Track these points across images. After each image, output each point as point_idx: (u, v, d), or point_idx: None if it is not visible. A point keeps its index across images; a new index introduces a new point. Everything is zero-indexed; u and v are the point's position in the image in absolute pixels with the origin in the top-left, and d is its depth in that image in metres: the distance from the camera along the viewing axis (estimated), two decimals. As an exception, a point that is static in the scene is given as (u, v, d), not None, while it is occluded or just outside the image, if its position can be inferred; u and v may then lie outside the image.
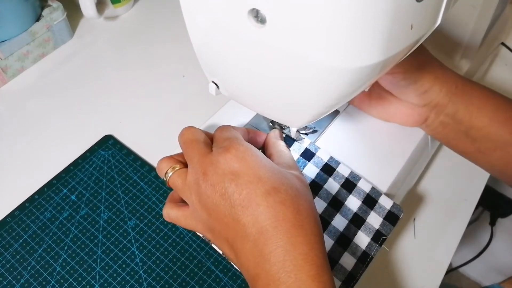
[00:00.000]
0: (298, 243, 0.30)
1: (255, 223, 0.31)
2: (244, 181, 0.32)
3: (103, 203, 0.47)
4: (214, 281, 0.43)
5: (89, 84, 0.59)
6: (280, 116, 0.38)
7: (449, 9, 0.31)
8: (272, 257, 0.30)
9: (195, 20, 0.33)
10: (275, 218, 0.31)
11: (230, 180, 0.32)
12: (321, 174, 0.42)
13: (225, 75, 0.37)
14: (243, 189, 0.32)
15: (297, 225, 0.31)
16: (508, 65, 0.64)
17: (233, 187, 0.32)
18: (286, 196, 0.32)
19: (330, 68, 0.28)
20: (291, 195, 0.32)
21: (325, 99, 0.33)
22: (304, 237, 0.31)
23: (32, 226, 0.46)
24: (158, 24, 0.67)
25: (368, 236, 0.39)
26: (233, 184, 0.32)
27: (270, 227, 0.31)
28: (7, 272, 0.43)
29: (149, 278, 0.43)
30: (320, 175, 0.42)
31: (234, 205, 0.32)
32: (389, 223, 0.40)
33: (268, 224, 0.31)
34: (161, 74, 0.59)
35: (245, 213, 0.31)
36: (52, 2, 0.60)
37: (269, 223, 0.31)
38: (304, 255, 0.30)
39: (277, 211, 0.31)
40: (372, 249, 0.39)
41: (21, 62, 0.59)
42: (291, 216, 0.31)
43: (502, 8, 0.52)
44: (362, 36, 0.26)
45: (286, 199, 0.32)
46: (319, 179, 0.42)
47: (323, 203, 0.40)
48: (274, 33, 0.28)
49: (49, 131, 0.54)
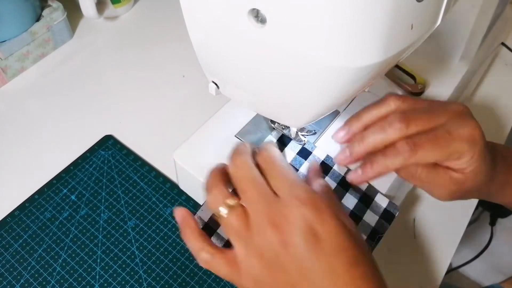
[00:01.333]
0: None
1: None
2: (327, 248, 0.30)
3: (103, 203, 0.47)
4: (214, 281, 0.43)
5: (89, 84, 0.59)
6: (280, 116, 0.38)
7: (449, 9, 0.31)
8: None
9: (195, 20, 0.33)
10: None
11: (309, 243, 0.29)
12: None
13: (225, 75, 0.37)
14: (324, 257, 0.29)
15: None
16: (508, 65, 0.64)
17: (311, 251, 0.29)
18: (368, 269, 0.31)
19: (330, 68, 0.28)
20: (372, 269, 0.31)
21: (325, 99, 0.33)
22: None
23: (32, 226, 0.46)
24: (158, 24, 0.67)
25: (365, 234, 0.39)
26: (312, 248, 0.29)
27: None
28: (7, 272, 0.43)
29: (149, 278, 0.43)
30: None
31: (311, 270, 0.29)
32: (385, 222, 0.40)
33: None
34: (161, 74, 0.59)
35: (324, 282, 0.29)
36: (52, 2, 0.60)
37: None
38: None
39: (358, 286, 0.30)
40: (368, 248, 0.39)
41: (21, 62, 0.59)
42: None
43: (502, 8, 0.52)
44: (362, 36, 0.26)
45: (368, 272, 0.30)
46: None
47: None
48: (274, 33, 0.28)
49: (49, 131, 0.54)
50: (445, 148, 0.36)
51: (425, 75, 0.50)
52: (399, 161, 0.36)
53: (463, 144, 0.36)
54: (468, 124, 0.37)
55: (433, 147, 0.36)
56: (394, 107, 0.39)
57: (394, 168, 0.37)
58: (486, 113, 0.59)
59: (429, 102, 0.40)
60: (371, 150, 0.38)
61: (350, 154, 0.39)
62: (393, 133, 0.37)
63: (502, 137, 0.57)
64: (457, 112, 0.38)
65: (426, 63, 0.51)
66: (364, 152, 0.38)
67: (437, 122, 0.37)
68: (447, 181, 0.38)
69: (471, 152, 0.36)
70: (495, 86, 0.62)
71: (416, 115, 0.37)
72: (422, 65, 0.50)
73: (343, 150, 0.40)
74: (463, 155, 0.36)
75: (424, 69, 0.50)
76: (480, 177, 0.38)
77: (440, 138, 0.36)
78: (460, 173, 0.37)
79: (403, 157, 0.36)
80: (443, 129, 0.36)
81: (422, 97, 0.49)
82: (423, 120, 0.37)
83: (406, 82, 0.50)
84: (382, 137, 0.37)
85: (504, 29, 0.62)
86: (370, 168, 0.37)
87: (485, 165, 0.38)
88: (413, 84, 0.50)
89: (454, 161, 0.37)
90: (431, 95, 0.50)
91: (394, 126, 0.37)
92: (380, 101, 0.40)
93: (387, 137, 0.37)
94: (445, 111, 0.38)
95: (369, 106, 0.41)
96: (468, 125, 0.36)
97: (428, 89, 0.50)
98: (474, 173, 0.37)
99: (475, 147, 0.36)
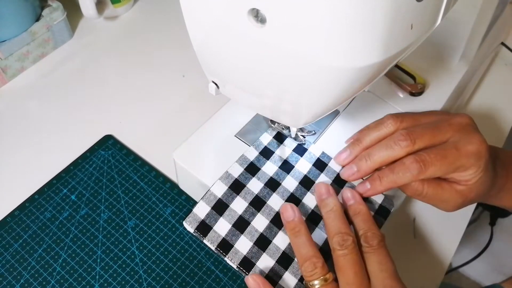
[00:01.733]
0: None
1: None
2: None
3: (103, 203, 0.47)
4: (214, 281, 0.43)
5: (89, 84, 0.59)
6: (280, 116, 0.38)
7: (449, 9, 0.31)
8: None
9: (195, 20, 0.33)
10: None
11: None
12: (313, 169, 0.43)
13: (225, 75, 0.37)
14: None
15: None
16: (508, 65, 0.64)
17: None
18: None
19: (330, 68, 0.28)
20: None
21: (325, 99, 0.33)
22: None
23: (32, 226, 0.46)
24: (158, 24, 0.67)
25: None
26: None
27: None
28: (7, 272, 0.43)
29: (149, 278, 0.43)
30: (312, 171, 0.43)
31: None
32: (380, 217, 0.40)
33: None
34: (161, 74, 0.59)
35: None
36: (52, 2, 0.60)
37: None
38: None
39: None
40: None
41: (21, 62, 0.59)
42: None
43: (502, 8, 0.52)
44: (362, 36, 0.26)
45: None
46: (312, 175, 0.42)
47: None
48: (274, 33, 0.28)
49: (49, 131, 0.54)
50: (453, 164, 0.37)
51: (425, 75, 0.50)
52: (408, 178, 0.37)
53: (470, 159, 0.37)
54: (475, 139, 0.37)
55: (442, 163, 0.36)
56: (393, 128, 0.40)
57: (402, 183, 0.38)
58: (486, 113, 0.59)
59: (428, 116, 0.41)
60: (378, 167, 0.39)
61: (358, 171, 0.40)
62: (399, 150, 0.37)
63: (501, 137, 0.57)
64: (462, 126, 0.38)
65: (426, 63, 0.51)
66: (371, 170, 0.39)
67: (443, 137, 0.38)
68: (453, 195, 0.38)
69: (477, 166, 0.37)
70: (495, 86, 0.62)
71: (420, 131, 0.38)
72: (422, 65, 0.50)
73: (350, 167, 0.40)
74: (469, 168, 0.37)
75: (424, 69, 0.50)
76: (484, 186, 0.38)
77: (449, 154, 0.37)
78: (464, 185, 0.38)
79: (411, 174, 0.37)
80: (451, 145, 0.37)
81: (422, 98, 0.49)
82: (428, 135, 0.38)
83: (406, 82, 0.50)
84: (389, 154, 0.38)
85: (504, 29, 0.62)
86: (379, 184, 0.38)
87: (488, 175, 0.38)
88: (413, 84, 0.50)
89: (459, 174, 0.37)
90: (431, 95, 0.50)
91: (400, 143, 0.37)
92: (378, 122, 0.41)
93: (394, 153, 0.38)
94: (450, 125, 0.38)
95: (368, 127, 0.42)
96: (475, 140, 0.37)
97: (428, 89, 0.50)
98: (478, 184, 0.38)
99: (480, 161, 0.37)
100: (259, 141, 0.44)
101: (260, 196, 0.41)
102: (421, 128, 0.38)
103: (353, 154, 0.41)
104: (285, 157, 0.43)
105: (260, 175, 0.42)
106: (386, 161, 0.38)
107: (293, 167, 0.43)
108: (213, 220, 0.39)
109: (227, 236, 0.38)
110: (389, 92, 0.50)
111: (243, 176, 0.41)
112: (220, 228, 0.39)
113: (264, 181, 0.41)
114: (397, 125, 0.40)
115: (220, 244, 0.38)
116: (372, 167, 0.39)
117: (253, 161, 0.42)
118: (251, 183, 0.41)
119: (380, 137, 0.40)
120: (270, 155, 0.43)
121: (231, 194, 0.40)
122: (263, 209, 0.40)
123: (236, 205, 0.40)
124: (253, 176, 0.42)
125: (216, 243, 0.38)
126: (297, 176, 0.42)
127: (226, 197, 0.40)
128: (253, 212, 0.40)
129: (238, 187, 0.41)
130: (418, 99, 0.49)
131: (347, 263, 0.35)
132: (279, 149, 0.44)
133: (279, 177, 0.42)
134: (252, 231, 0.39)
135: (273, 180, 0.42)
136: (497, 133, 0.57)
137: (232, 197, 0.40)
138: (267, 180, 0.42)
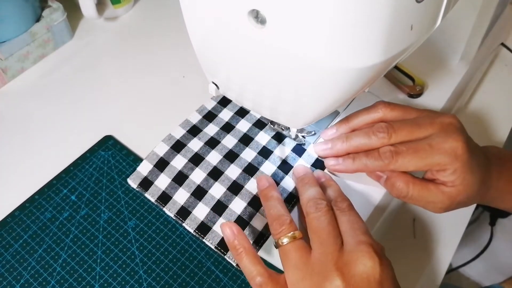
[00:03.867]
0: None
1: None
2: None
3: (103, 204, 0.47)
4: (214, 281, 0.43)
5: (89, 84, 0.59)
6: (280, 116, 0.38)
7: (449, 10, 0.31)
8: None
9: (195, 20, 0.33)
10: None
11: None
12: (252, 128, 0.46)
13: (225, 76, 0.37)
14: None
15: None
16: (508, 65, 0.64)
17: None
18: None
19: (330, 69, 0.28)
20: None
21: (325, 99, 0.33)
22: None
23: (32, 226, 0.46)
24: (158, 25, 0.67)
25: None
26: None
27: None
28: (7, 272, 0.43)
29: (149, 278, 0.43)
30: (252, 129, 0.46)
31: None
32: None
33: None
34: (161, 75, 0.59)
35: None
36: (52, 2, 0.60)
37: None
38: None
39: None
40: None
41: (21, 63, 0.59)
42: None
43: (502, 8, 0.52)
44: (362, 37, 0.26)
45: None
46: (251, 133, 0.45)
47: None
48: (274, 34, 0.28)
49: (49, 132, 0.54)
50: (424, 159, 0.37)
51: (424, 76, 0.50)
52: (378, 165, 0.38)
53: (443, 157, 0.37)
54: (452, 138, 0.38)
55: (412, 157, 0.37)
56: (382, 114, 0.41)
57: (373, 169, 0.39)
58: (486, 113, 0.59)
59: (419, 112, 0.41)
60: (351, 151, 0.40)
61: (331, 148, 0.41)
62: (376, 141, 0.39)
63: (502, 137, 0.57)
64: (444, 125, 0.39)
65: (425, 64, 0.51)
66: (345, 151, 0.41)
67: (421, 134, 0.39)
68: (439, 197, 0.39)
69: (453, 165, 0.37)
70: (495, 86, 0.62)
71: (401, 126, 0.39)
72: (421, 66, 0.51)
73: (325, 142, 0.42)
74: (445, 167, 0.37)
75: (423, 70, 0.50)
76: (471, 189, 0.38)
77: (421, 149, 0.38)
78: (450, 187, 0.38)
79: (383, 162, 0.38)
80: (425, 142, 0.38)
81: (421, 99, 0.49)
82: (406, 131, 0.39)
83: (404, 83, 0.50)
84: (365, 142, 0.39)
85: (504, 29, 0.62)
86: (351, 162, 0.40)
87: (474, 177, 0.38)
88: (412, 86, 0.50)
89: (439, 174, 0.38)
90: (431, 95, 0.50)
91: (377, 134, 0.39)
92: (370, 106, 0.42)
93: (370, 142, 0.39)
94: (432, 123, 0.39)
95: (360, 110, 0.43)
96: (452, 139, 0.38)
97: (427, 90, 0.50)
98: (464, 186, 0.38)
99: (456, 161, 0.37)
100: (203, 106, 0.47)
101: (199, 153, 0.44)
102: (402, 123, 0.39)
103: (339, 132, 0.42)
104: (227, 119, 0.47)
105: (201, 135, 0.45)
106: (361, 148, 0.40)
107: (234, 127, 0.46)
108: (155, 176, 0.43)
109: (167, 189, 0.42)
110: (389, 93, 0.50)
111: (184, 137, 0.45)
112: (160, 182, 0.43)
113: (204, 141, 0.45)
114: (386, 111, 0.41)
115: (160, 197, 0.42)
116: (345, 149, 0.40)
117: (196, 124, 0.46)
118: (192, 143, 0.44)
119: (368, 121, 0.41)
120: (213, 119, 0.47)
121: (172, 152, 0.44)
122: (201, 164, 0.43)
123: (176, 162, 0.43)
124: (194, 136, 0.45)
125: (156, 196, 0.42)
126: (237, 135, 0.45)
127: (167, 156, 0.44)
128: (192, 167, 0.43)
129: (179, 147, 0.44)
130: (418, 99, 0.49)
131: (320, 224, 0.35)
132: (222, 112, 0.47)
133: (219, 137, 0.45)
134: (190, 184, 0.42)
135: (213, 139, 0.45)
136: (497, 134, 0.57)
137: (173, 155, 0.43)
138: (208, 139, 0.45)
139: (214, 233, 0.40)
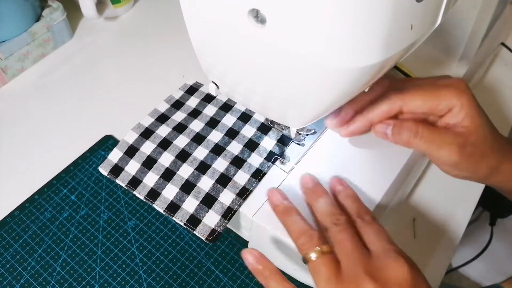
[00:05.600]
0: None
1: None
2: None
3: (103, 203, 0.47)
4: (214, 281, 0.43)
5: (89, 84, 0.59)
6: (280, 116, 0.38)
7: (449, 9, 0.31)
8: None
9: (195, 20, 0.33)
10: None
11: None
12: (219, 111, 0.47)
13: (225, 75, 0.37)
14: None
15: None
16: (508, 65, 0.64)
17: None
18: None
19: (330, 68, 0.28)
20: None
21: (325, 99, 0.33)
22: None
23: (32, 226, 0.46)
24: (158, 25, 0.67)
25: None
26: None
27: None
28: (7, 272, 0.43)
29: (149, 278, 0.43)
30: (219, 112, 0.47)
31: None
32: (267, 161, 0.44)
33: None
34: (161, 74, 0.59)
35: None
36: (52, 2, 0.60)
37: None
38: None
39: None
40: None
41: (21, 62, 0.59)
42: None
43: (502, 8, 0.52)
44: (362, 36, 0.26)
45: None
46: (217, 116, 0.47)
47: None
48: (274, 33, 0.28)
49: (49, 131, 0.54)
50: (431, 94, 0.37)
51: (424, 75, 0.50)
52: (386, 106, 0.38)
53: (448, 90, 0.37)
54: (455, 79, 0.38)
55: (419, 93, 0.37)
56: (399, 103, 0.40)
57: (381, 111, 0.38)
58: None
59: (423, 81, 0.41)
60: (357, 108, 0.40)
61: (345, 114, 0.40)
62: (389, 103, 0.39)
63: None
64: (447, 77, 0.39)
65: (425, 64, 0.51)
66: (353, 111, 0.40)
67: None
68: (452, 137, 0.37)
69: (460, 100, 0.37)
70: (495, 86, 0.62)
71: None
72: (421, 66, 0.50)
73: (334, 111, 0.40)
74: (452, 104, 0.37)
75: (423, 70, 0.50)
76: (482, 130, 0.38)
77: (425, 86, 0.38)
78: (460, 128, 0.37)
79: (390, 101, 0.38)
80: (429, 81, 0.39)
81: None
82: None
83: (405, 82, 0.50)
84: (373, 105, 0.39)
85: (504, 29, 0.62)
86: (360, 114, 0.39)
87: (483, 120, 0.38)
88: (413, 85, 0.50)
89: (447, 117, 0.37)
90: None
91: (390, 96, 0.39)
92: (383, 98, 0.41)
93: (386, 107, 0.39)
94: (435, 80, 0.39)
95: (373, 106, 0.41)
96: (455, 79, 0.38)
97: (428, 89, 0.50)
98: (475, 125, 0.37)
99: (462, 94, 0.37)
100: (171, 96, 0.50)
101: (168, 138, 0.45)
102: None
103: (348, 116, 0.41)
104: (194, 106, 0.48)
105: (169, 122, 0.46)
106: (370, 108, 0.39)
107: (201, 112, 0.47)
108: (125, 162, 0.44)
109: (137, 174, 0.43)
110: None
111: (153, 124, 0.46)
112: (130, 168, 0.43)
113: (172, 126, 0.46)
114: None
115: (130, 181, 0.43)
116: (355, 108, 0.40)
117: (164, 112, 0.47)
118: (160, 129, 0.46)
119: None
120: (181, 106, 0.48)
121: (141, 139, 0.45)
122: (169, 148, 0.44)
123: (145, 147, 0.44)
124: (162, 123, 0.46)
125: (127, 181, 0.43)
126: (204, 119, 0.46)
127: (137, 143, 0.45)
128: (160, 152, 0.44)
129: (148, 134, 0.45)
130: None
131: (345, 236, 0.34)
132: (190, 100, 0.49)
133: (186, 122, 0.46)
134: (159, 167, 0.43)
135: (181, 124, 0.46)
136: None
137: (142, 142, 0.45)
138: (175, 125, 0.46)
139: (184, 211, 0.40)
